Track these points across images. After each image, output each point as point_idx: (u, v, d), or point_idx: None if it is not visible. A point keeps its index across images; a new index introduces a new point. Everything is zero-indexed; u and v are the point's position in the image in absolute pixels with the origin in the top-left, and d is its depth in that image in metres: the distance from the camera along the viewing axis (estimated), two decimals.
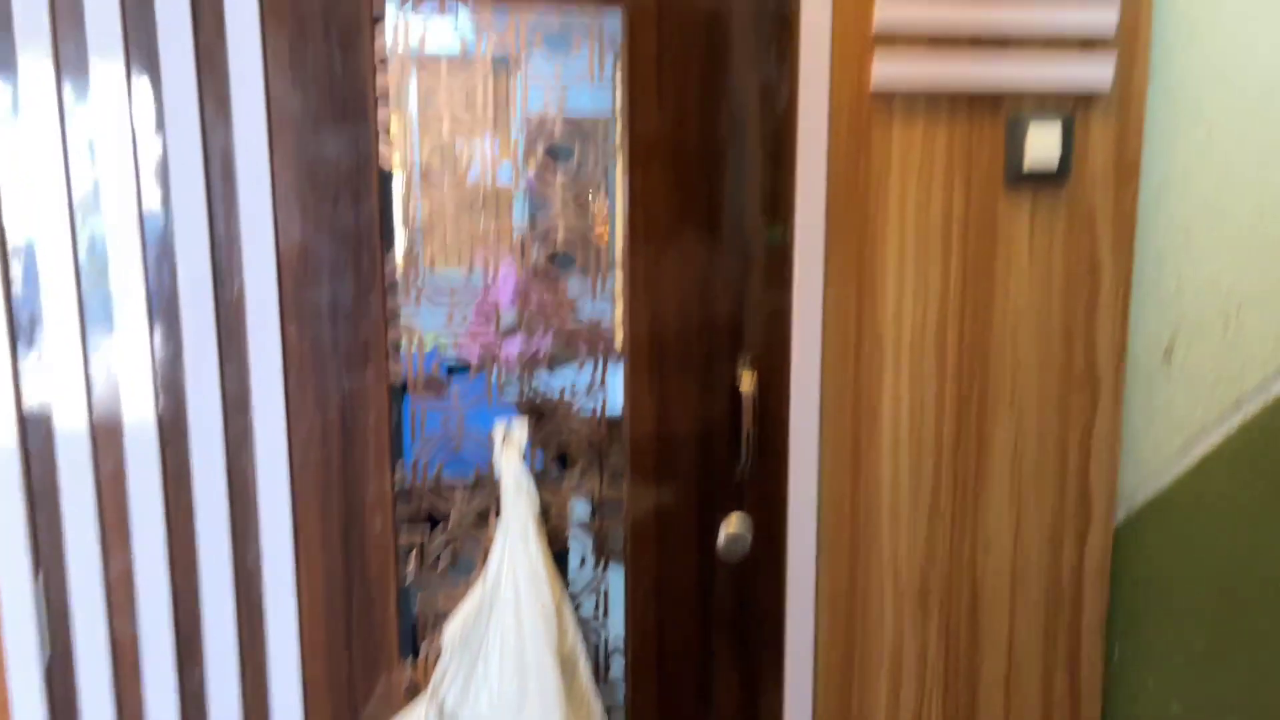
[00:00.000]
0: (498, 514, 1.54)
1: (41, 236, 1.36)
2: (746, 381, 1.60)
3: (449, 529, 1.57)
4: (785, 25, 1.54)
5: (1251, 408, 1.77)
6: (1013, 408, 1.70)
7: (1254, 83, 1.69)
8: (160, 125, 1.37)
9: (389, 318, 1.49)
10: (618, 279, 1.56)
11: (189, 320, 1.41)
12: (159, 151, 1.37)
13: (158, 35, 1.34)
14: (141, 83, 1.36)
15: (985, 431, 1.69)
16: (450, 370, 1.56)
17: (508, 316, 1.56)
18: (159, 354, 1.42)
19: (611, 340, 1.58)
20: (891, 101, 1.59)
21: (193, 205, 1.38)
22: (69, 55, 1.34)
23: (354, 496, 1.51)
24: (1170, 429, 1.78)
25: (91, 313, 1.39)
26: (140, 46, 1.35)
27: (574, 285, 1.57)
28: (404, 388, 1.52)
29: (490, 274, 1.55)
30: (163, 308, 1.41)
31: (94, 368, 1.40)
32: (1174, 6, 1.66)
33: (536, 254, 1.56)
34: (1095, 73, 1.61)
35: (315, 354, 1.47)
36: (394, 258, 1.48)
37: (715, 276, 1.58)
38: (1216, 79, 1.69)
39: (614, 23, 1.50)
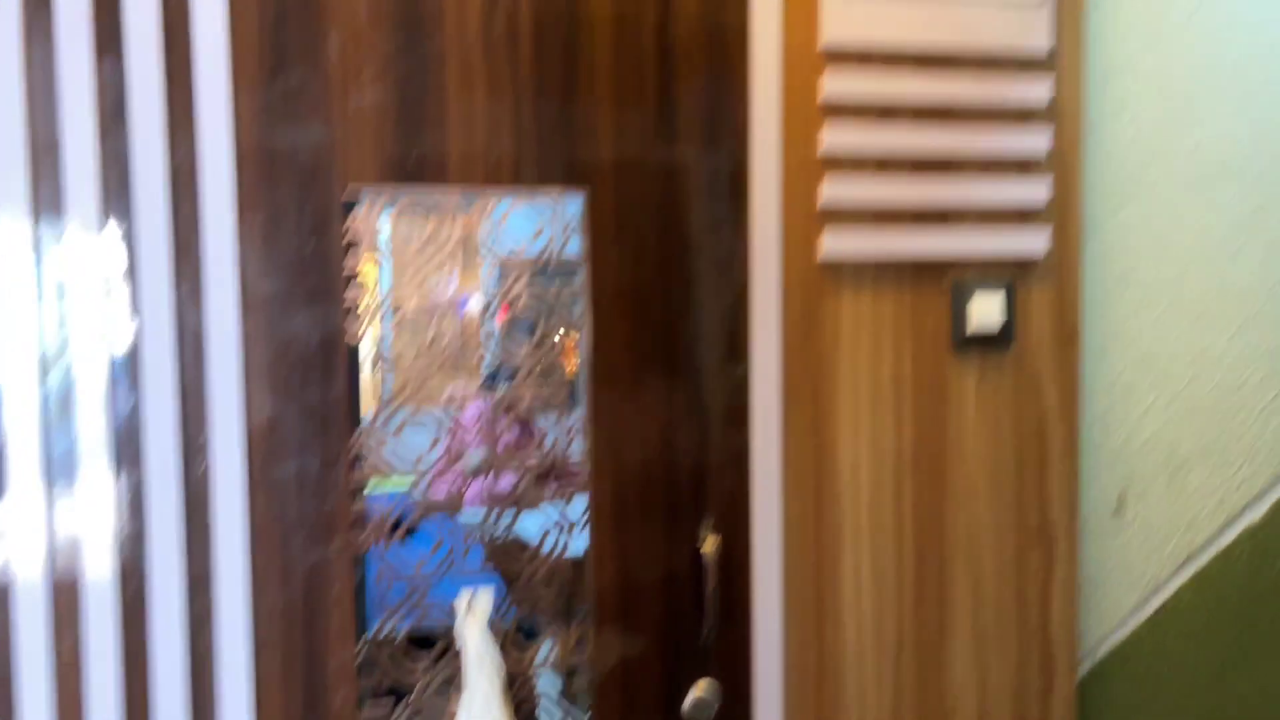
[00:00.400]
0: (461, 686, 1.53)
1: (7, 415, 1.38)
2: (709, 544, 1.62)
3: (412, 702, 1.56)
4: (738, 203, 1.62)
5: (1203, 560, 1.81)
6: (971, 565, 1.73)
7: (1183, 247, 1.80)
8: (135, 309, 1.41)
9: (355, 489, 1.51)
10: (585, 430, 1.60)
11: (154, 498, 1.42)
12: (131, 333, 1.41)
13: (134, 220, 1.40)
14: (117, 265, 1.41)
15: (945, 590, 1.72)
16: (411, 531, 1.57)
17: (474, 458, 1.58)
18: (123, 533, 1.42)
19: (578, 485, 1.61)
20: (840, 271, 1.66)
21: (162, 385, 1.41)
22: (45, 235, 1.39)
23: (317, 672, 1.50)
24: (1127, 583, 1.82)
25: (55, 490, 1.40)
26: (117, 231, 1.40)
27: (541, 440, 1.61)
28: (368, 557, 1.53)
29: (455, 432, 1.58)
30: (129, 486, 1.42)
31: (55, 544, 1.40)
32: (1104, 178, 1.77)
33: (503, 412, 1.60)
34: (1031, 242, 1.71)
35: (281, 529, 1.48)
36: (361, 429, 1.51)
37: (675, 434, 1.62)
38: (1148, 243, 1.79)
39: (575, 203, 1.57)
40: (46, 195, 1.38)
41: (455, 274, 1.57)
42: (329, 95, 1.46)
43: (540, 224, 1.58)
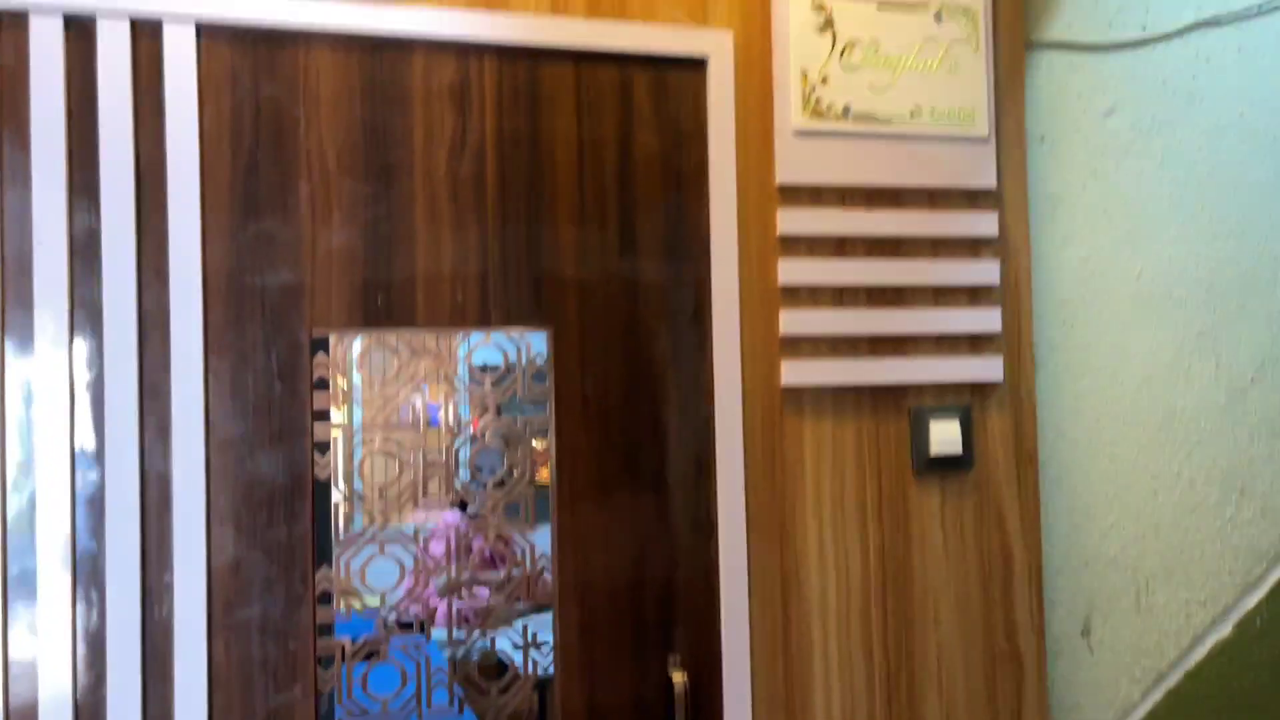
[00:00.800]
0: None
1: None
2: (678, 676, 1.62)
3: None
4: (700, 331, 1.66)
5: (1173, 680, 1.81)
6: (942, 690, 1.72)
7: (1133, 370, 1.84)
8: (99, 456, 1.42)
9: (320, 626, 1.50)
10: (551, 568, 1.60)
11: (114, 644, 1.40)
12: (96, 478, 1.42)
13: (104, 362, 1.42)
14: (82, 409, 1.42)
15: (916, 713, 1.71)
16: (377, 656, 1.56)
17: (441, 583, 1.58)
18: (81, 680, 1.40)
19: (543, 601, 1.60)
20: (801, 396, 1.70)
21: (126, 530, 1.41)
22: (12, 372, 1.40)
23: None
24: (1098, 705, 1.81)
25: (14, 637, 1.38)
26: (86, 374, 1.42)
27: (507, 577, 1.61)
28: (332, 698, 1.52)
29: (423, 560, 1.58)
30: (89, 631, 1.41)
31: (12, 694, 1.38)
32: (1054, 305, 1.83)
33: (472, 538, 1.60)
34: (986, 368, 1.75)
35: (243, 672, 1.46)
36: (328, 564, 1.51)
37: (643, 558, 1.62)
38: (1099, 367, 1.84)
39: (541, 338, 1.61)
40: (16, 331, 1.40)
41: (423, 408, 1.60)
42: (299, 239, 1.50)
43: (507, 359, 1.61)
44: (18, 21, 1.40)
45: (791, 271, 1.68)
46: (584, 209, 1.62)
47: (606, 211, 1.64)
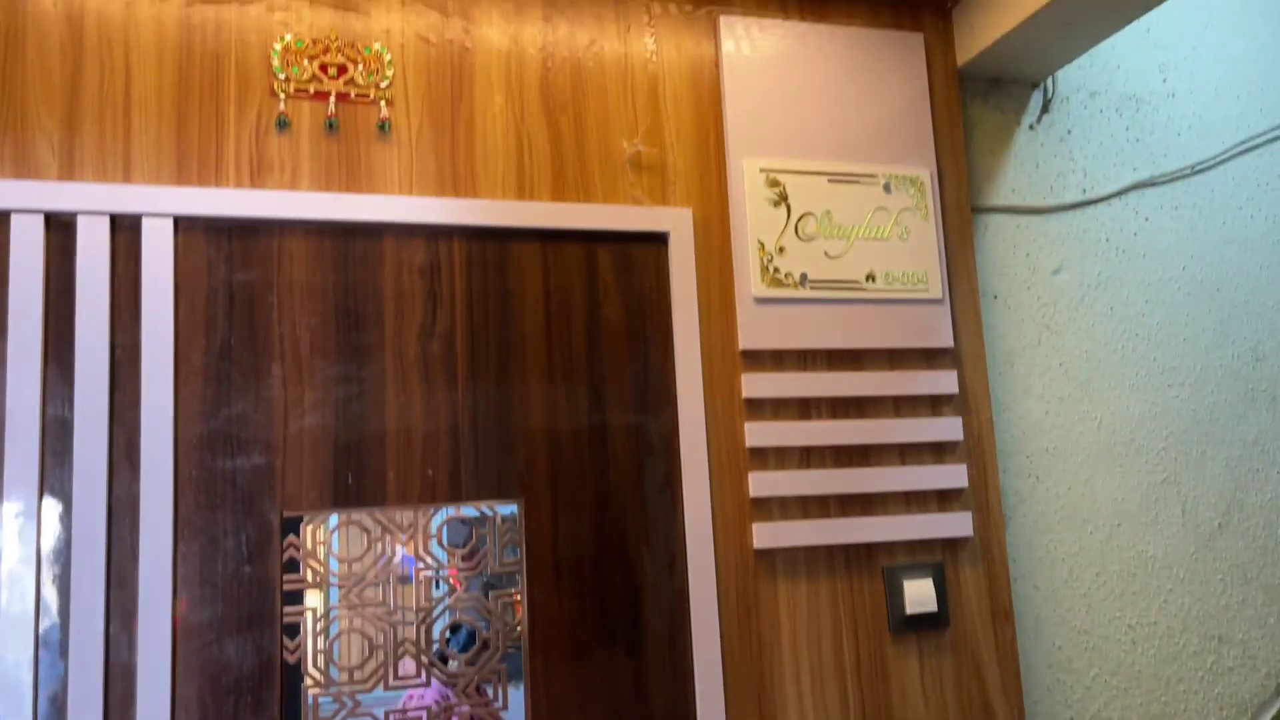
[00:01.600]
0: None
1: None
2: None
3: None
4: (671, 495, 1.68)
5: None
6: None
7: (1101, 520, 1.86)
8: (63, 648, 1.40)
9: None
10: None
11: None
12: (59, 671, 1.39)
13: (71, 551, 1.41)
14: (48, 599, 1.41)
15: None
16: None
17: None
18: None
19: None
20: (774, 557, 1.70)
21: None
22: None
23: None
24: None
25: None
26: (53, 568, 1.41)
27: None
28: None
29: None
30: None
31: None
32: (1018, 457, 1.86)
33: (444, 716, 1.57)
34: (956, 525, 1.77)
35: None
36: None
37: None
38: (1067, 518, 1.86)
39: (511, 510, 1.62)
40: None
41: (394, 586, 1.59)
42: (271, 422, 1.52)
43: (478, 532, 1.62)
44: None
45: (758, 434, 1.71)
46: (553, 380, 1.66)
47: (575, 382, 1.67)
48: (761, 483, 1.70)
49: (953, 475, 1.78)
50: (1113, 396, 1.93)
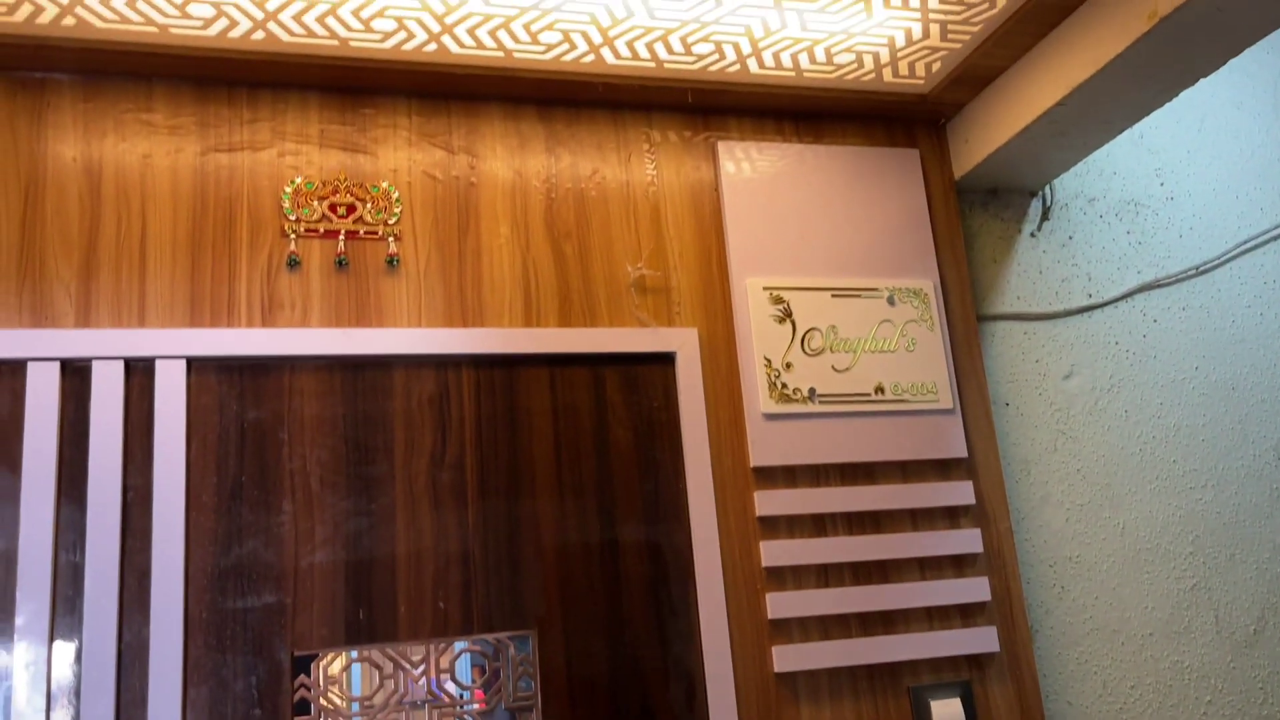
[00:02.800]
0: None
1: None
2: None
3: None
4: (688, 620, 1.65)
5: None
6: None
7: (1132, 630, 1.81)
8: None
9: None
10: None
11: None
12: None
13: (80, 704, 1.40)
14: None
15: None
16: None
17: None
18: None
19: None
20: (795, 681, 1.66)
21: None
22: None
23: None
24: None
25: None
26: (62, 710, 1.40)
27: None
28: None
29: None
30: None
31: None
32: (1040, 568, 1.82)
33: None
34: (980, 640, 1.72)
35: None
36: None
37: None
38: (1096, 629, 1.81)
39: (525, 643, 1.59)
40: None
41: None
42: (282, 560, 1.52)
43: (491, 664, 1.59)
44: (15, 370, 1.48)
45: (774, 553, 1.69)
46: (563, 504, 1.65)
47: (586, 504, 1.66)
48: (780, 603, 1.67)
49: (975, 588, 1.74)
50: (1135, 501, 1.90)
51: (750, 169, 1.85)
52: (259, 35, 1.55)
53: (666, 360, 1.75)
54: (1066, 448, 1.89)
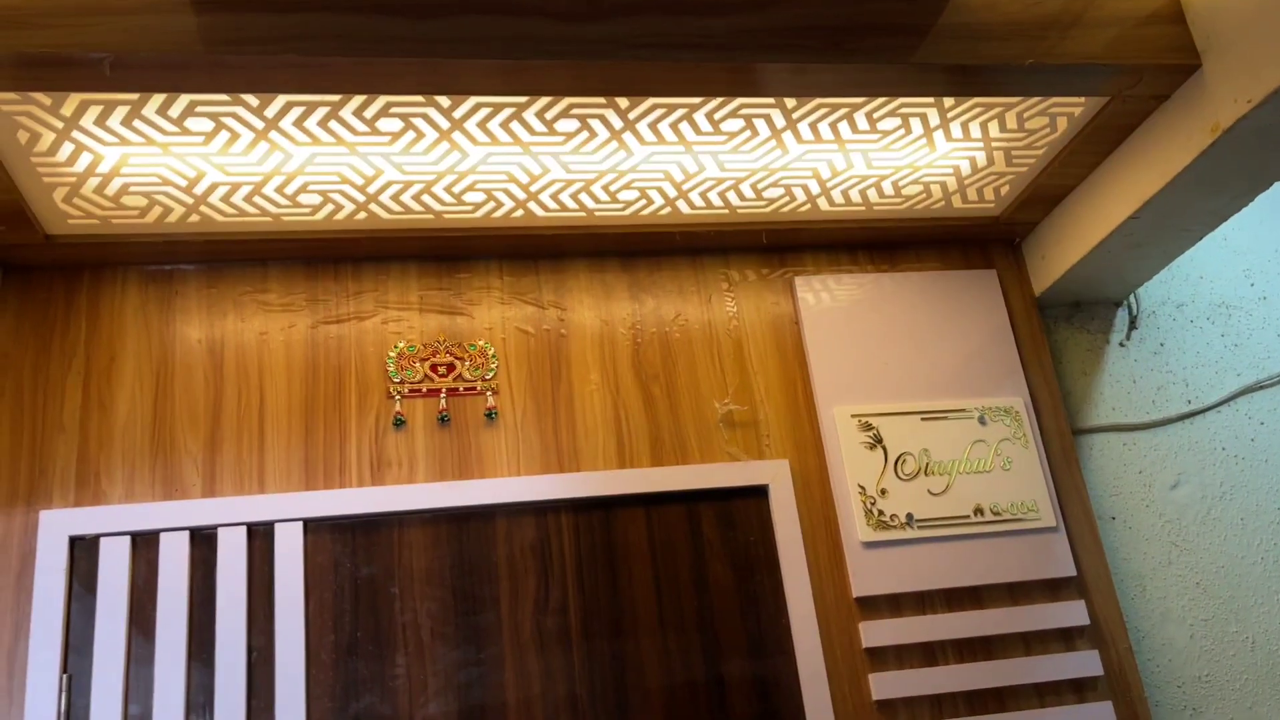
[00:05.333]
0: None
1: None
2: None
3: None
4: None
5: None
6: None
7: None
8: None
9: None
10: None
11: None
12: None
13: None
14: None
15: None
16: None
17: None
18: None
19: None
20: None
21: None
22: None
23: None
24: None
25: None
26: None
27: None
28: None
29: None
30: None
31: None
32: (1169, 695, 1.74)
33: None
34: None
35: None
36: None
37: None
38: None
39: None
40: None
41: None
42: (397, 713, 1.56)
43: None
44: (149, 541, 1.58)
45: (885, 685, 1.66)
46: (667, 644, 1.66)
47: (689, 643, 1.67)
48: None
49: (1099, 714, 1.68)
50: (1262, 613, 1.81)
51: (829, 299, 1.89)
52: (361, 216, 1.68)
53: (760, 493, 1.77)
54: (1182, 560, 1.83)
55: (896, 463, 1.79)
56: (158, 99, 1.36)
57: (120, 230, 1.64)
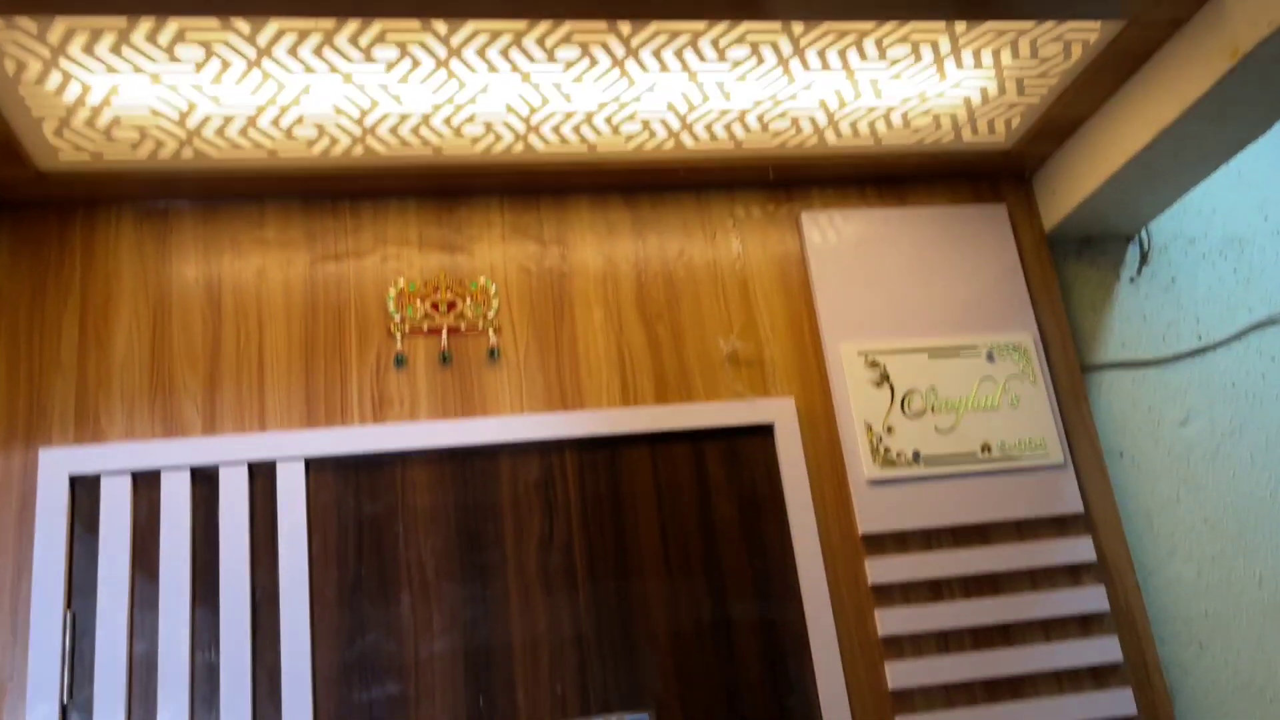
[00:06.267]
0: None
1: None
2: None
3: None
4: (805, 699, 1.62)
5: None
6: None
7: (1275, 688, 1.71)
8: None
9: None
10: None
11: None
12: None
13: None
14: None
15: None
16: None
17: None
18: None
19: None
20: None
21: None
22: None
23: None
24: None
25: None
26: None
27: None
28: None
29: None
30: None
31: None
32: (1174, 625, 1.74)
33: None
34: (1114, 704, 1.65)
35: None
36: None
37: None
38: (1240, 690, 1.72)
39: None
40: None
41: None
42: (401, 650, 1.56)
43: None
44: (151, 480, 1.57)
45: (891, 621, 1.66)
46: (672, 581, 1.65)
47: (695, 581, 1.66)
48: (899, 673, 1.64)
49: (1104, 649, 1.68)
50: (1270, 549, 1.80)
51: (836, 236, 1.86)
52: (359, 150, 1.64)
53: (765, 432, 1.76)
54: (1190, 497, 1.82)
55: (903, 400, 1.77)
56: (146, 25, 1.32)
57: (113, 165, 1.61)
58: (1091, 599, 1.70)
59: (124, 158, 1.59)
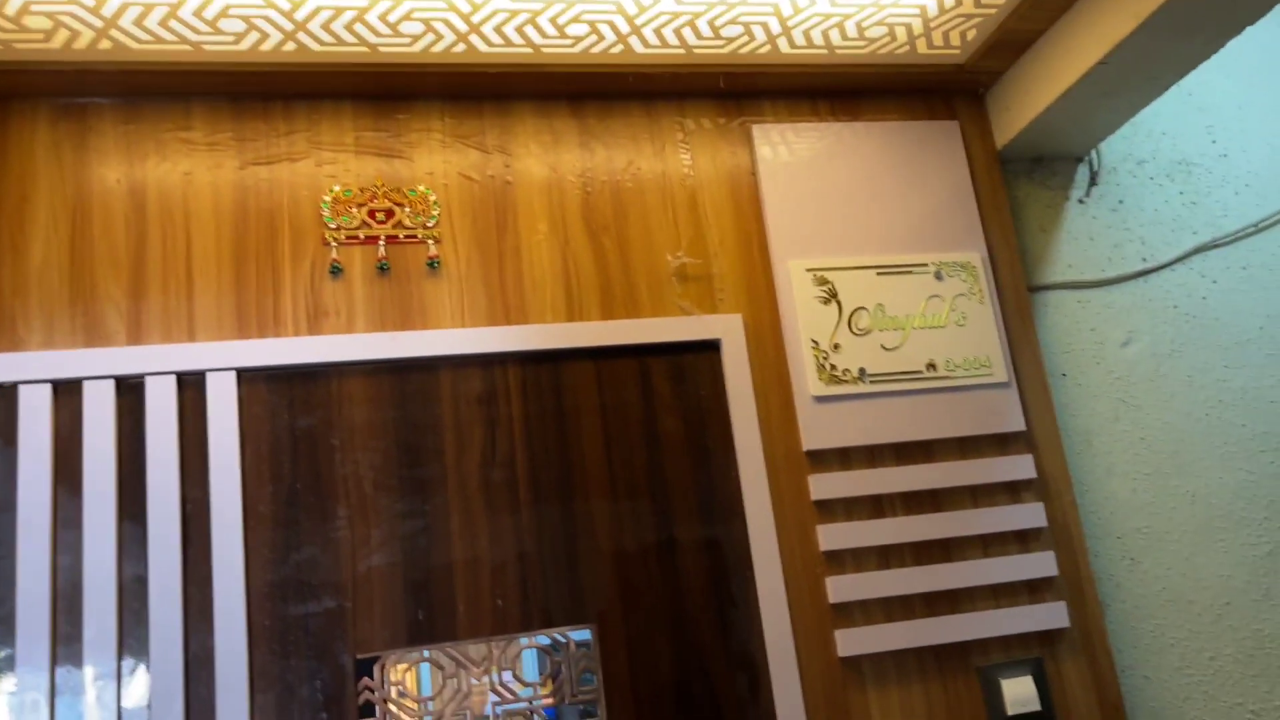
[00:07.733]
0: None
1: None
2: None
3: None
4: (748, 611, 1.63)
5: None
6: None
7: (1208, 600, 1.76)
8: None
9: None
10: None
11: None
12: None
13: (151, 713, 1.41)
14: None
15: None
16: None
17: None
18: None
19: None
20: (860, 665, 1.63)
21: None
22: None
23: None
24: None
25: None
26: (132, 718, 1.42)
27: None
28: None
29: None
30: None
31: None
32: (1109, 541, 1.77)
33: None
34: (1049, 616, 1.68)
35: None
36: None
37: None
38: (1172, 600, 1.76)
39: (585, 636, 1.58)
40: (66, 674, 1.41)
41: None
42: (339, 564, 1.53)
43: (553, 659, 1.58)
44: (72, 389, 1.50)
45: (832, 537, 1.67)
46: (616, 498, 1.64)
47: (639, 497, 1.65)
48: (840, 587, 1.65)
49: (1041, 564, 1.70)
50: (1204, 469, 1.84)
51: (787, 151, 1.83)
52: (290, 47, 1.56)
53: (712, 348, 1.74)
54: (1129, 417, 1.84)
55: (851, 318, 1.75)
56: None
57: (24, 56, 1.51)
58: (1030, 515, 1.72)
59: (36, 47, 1.49)
